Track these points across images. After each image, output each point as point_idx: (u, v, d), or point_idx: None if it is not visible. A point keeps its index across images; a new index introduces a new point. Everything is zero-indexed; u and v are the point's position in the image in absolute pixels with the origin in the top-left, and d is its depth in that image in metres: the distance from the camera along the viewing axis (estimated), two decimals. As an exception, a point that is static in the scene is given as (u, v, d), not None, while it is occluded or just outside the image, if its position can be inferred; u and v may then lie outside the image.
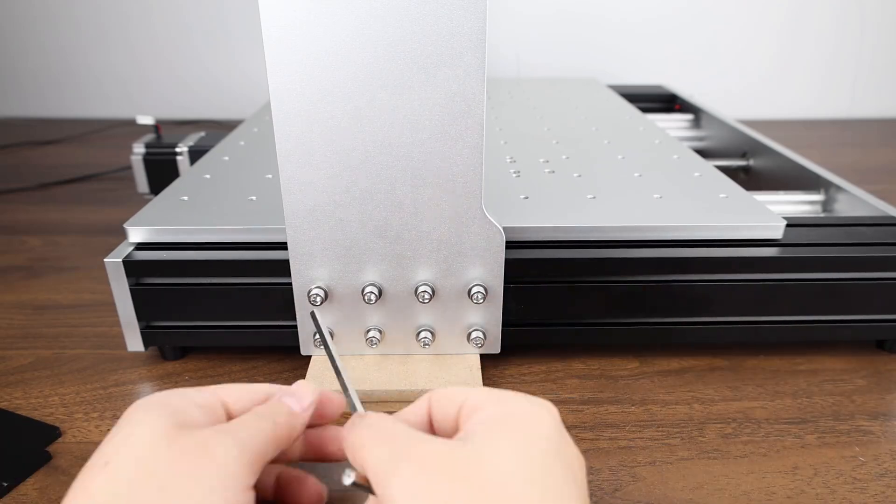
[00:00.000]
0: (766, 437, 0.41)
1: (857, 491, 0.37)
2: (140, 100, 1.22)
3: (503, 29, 1.16)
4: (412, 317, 0.43)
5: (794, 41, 1.19)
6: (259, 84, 1.19)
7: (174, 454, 0.24)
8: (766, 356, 0.49)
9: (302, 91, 0.36)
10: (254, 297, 0.45)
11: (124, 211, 0.53)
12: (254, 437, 0.26)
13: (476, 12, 0.35)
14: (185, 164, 0.72)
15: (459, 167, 0.38)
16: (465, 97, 0.36)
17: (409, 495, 0.23)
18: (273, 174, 0.56)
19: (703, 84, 1.19)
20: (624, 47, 1.19)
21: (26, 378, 0.46)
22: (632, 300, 0.46)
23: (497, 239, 0.41)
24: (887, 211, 0.52)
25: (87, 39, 1.18)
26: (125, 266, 0.44)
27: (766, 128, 0.92)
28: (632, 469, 0.38)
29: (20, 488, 0.37)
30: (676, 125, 0.93)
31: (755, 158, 0.74)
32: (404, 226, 0.40)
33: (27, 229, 0.73)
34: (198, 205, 0.49)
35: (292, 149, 0.38)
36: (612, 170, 0.57)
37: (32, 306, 0.56)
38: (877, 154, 1.03)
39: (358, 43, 0.35)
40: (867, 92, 1.23)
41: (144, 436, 0.24)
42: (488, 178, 0.41)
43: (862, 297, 0.46)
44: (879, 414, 0.43)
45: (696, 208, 0.49)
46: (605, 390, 0.45)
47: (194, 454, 0.24)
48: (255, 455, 0.25)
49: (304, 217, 0.40)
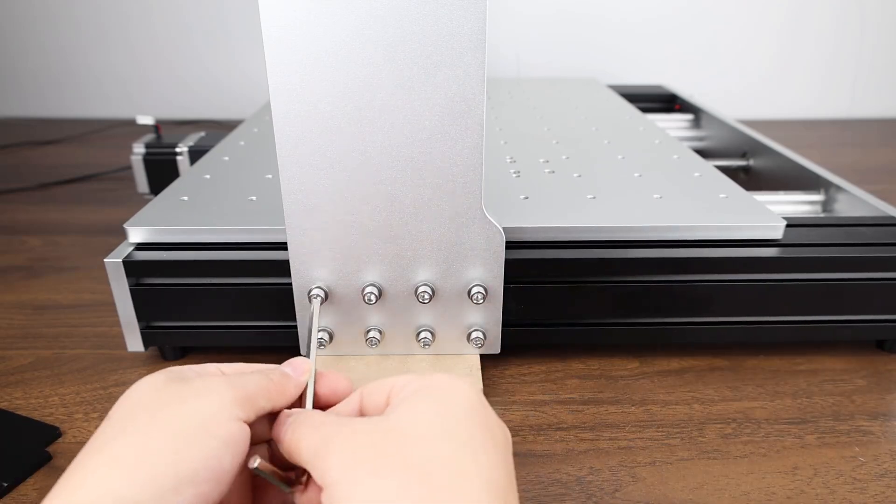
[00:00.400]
0: (766, 438, 0.41)
1: (857, 491, 0.37)
2: (140, 100, 1.22)
3: (503, 29, 1.16)
4: (412, 317, 0.43)
5: (794, 41, 1.19)
6: (259, 84, 1.19)
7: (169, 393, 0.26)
8: (766, 356, 0.49)
9: (302, 91, 0.36)
10: (254, 297, 0.45)
11: (124, 211, 0.53)
12: (245, 382, 0.28)
13: (476, 12, 0.34)
14: (185, 164, 0.72)
15: (459, 167, 0.38)
16: (465, 97, 0.36)
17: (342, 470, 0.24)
18: (273, 174, 0.56)
19: (703, 84, 1.19)
20: (624, 47, 1.19)
21: (26, 378, 0.46)
22: (632, 300, 0.46)
23: (497, 239, 0.41)
24: (887, 211, 0.52)
25: (87, 39, 1.18)
26: (125, 266, 0.44)
27: (766, 128, 0.92)
28: (632, 469, 0.38)
29: (20, 488, 0.37)
30: (676, 125, 0.93)
31: (755, 158, 0.74)
32: (404, 226, 0.40)
33: (27, 229, 0.73)
34: (198, 205, 0.49)
35: (292, 149, 0.38)
36: (612, 170, 0.57)
37: (32, 306, 0.56)
38: (877, 154, 1.03)
39: (358, 43, 0.35)
40: (867, 92, 1.23)
41: (141, 387, 0.27)
42: (488, 178, 0.41)
43: (862, 297, 0.46)
44: (879, 414, 0.43)
45: (696, 208, 0.49)
46: (605, 390, 0.45)
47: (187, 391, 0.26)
48: (245, 393, 0.27)
49: (304, 217, 0.40)
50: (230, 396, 0.27)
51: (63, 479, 0.24)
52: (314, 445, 0.25)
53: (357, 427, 0.26)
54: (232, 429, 0.26)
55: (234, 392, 0.27)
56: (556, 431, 0.41)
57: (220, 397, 0.26)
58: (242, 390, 0.27)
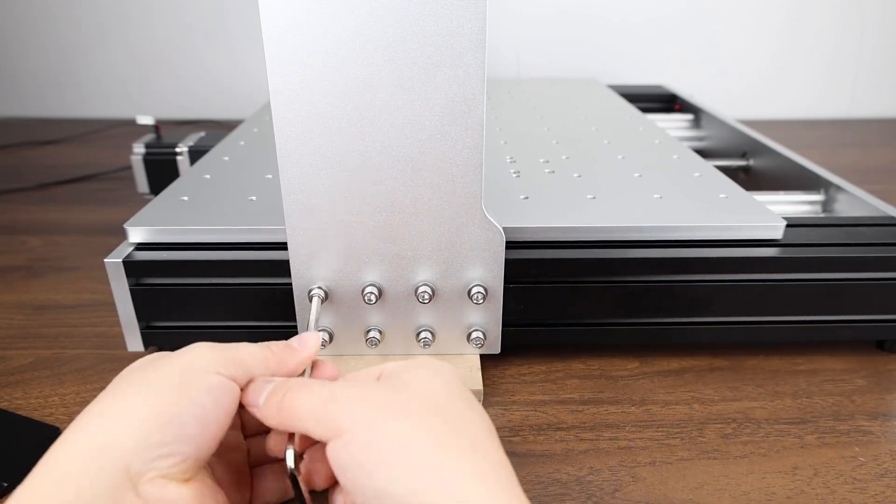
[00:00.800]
0: (766, 438, 0.41)
1: (856, 491, 0.37)
2: (140, 100, 1.22)
3: (503, 29, 1.16)
4: (412, 317, 0.43)
5: (794, 41, 1.19)
6: (259, 84, 1.19)
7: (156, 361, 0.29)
8: (766, 356, 0.49)
9: (302, 91, 0.36)
10: (254, 297, 0.45)
11: (124, 211, 0.53)
12: (234, 348, 0.30)
13: (476, 12, 0.35)
14: (185, 164, 0.72)
15: (459, 167, 0.38)
16: (465, 98, 0.36)
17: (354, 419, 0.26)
18: (273, 174, 0.56)
19: (703, 84, 1.19)
20: (624, 47, 1.19)
21: (26, 378, 0.46)
22: (632, 300, 0.46)
23: (497, 239, 0.41)
24: (887, 211, 0.52)
25: (87, 39, 1.18)
26: (125, 266, 0.44)
27: (766, 128, 0.92)
28: (632, 469, 0.38)
29: (20, 488, 0.37)
30: (676, 125, 0.93)
31: (755, 158, 0.74)
32: (404, 226, 0.40)
33: (27, 229, 0.73)
34: (198, 205, 0.49)
35: (292, 149, 0.38)
36: (612, 170, 0.57)
37: (32, 306, 0.56)
38: (877, 154, 1.03)
39: (358, 43, 0.35)
40: (867, 92, 1.23)
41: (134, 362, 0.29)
42: (488, 178, 0.41)
43: (862, 297, 0.46)
44: (879, 414, 0.43)
45: (696, 208, 0.49)
46: (605, 390, 0.45)
47: (172, 357, 0.29)
48: (230, 356, 0.29)
49: (304, 217, 0.40)
50: (212, 356, 0.28)
51: (58, 439, 0.26)
52: (318, 402, 0.27)
53: (365, 386, 0.28)
54: (213, 381, 0.28)
55: (217, 353, 0.29)
56: (556, 431, 0.41)
57: (201, 356, 0.28)
58: (228, 352, 0.29)
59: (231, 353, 0.29)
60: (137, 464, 0.25)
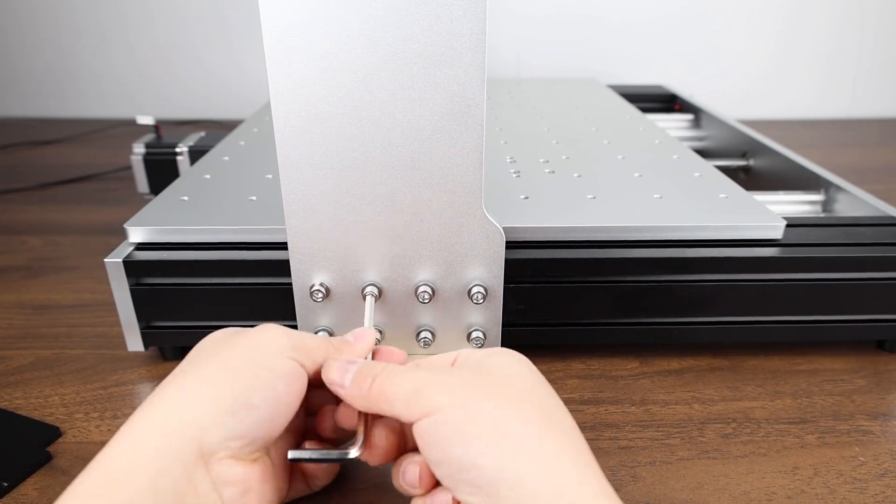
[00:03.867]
0: (766, 437, 0.41)
1: (856, 491, 0.37)
2: (140, 100, 1.22)
3: (503, 29, 1.16)
4: (412, 317, 0.43)
5: (794, 41, 1.19)
6: (259, 84, 1.19)
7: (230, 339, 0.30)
8: (766, 356, 0.49)
9: (302, 91, 0.36)
10: (254, 297, 0.45)
11: (124, 211, 0.53)
12: (303, 335, 0.31)
13: (476, 12, 0.35)
14: (185, 164, 0.72)
15: (459, 167, 0.38)
16: (465, 97, 0.36)
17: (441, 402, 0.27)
18: (273, 174, 0.56)
19: (703, 84, 1.19)
20: (624, 47, 1.19)
21: (26, 378, 0.46)
22: (632, 300, 0.46)
23: (497, 239, 0.41)
24: (887, 211, 0.52)
25: (87, 40, 1.18)
26: (125, 266, 0.44)
27: (766, 128, 0.92)
28: (632, 469, 0.38)
29: (20, 488, 0.37)
30: (676, 125, 0.93)
31: (755, 158, 0.74)
32: (404, 226, 0.40)
33: (27, 229, 0.73)
34: (198, 205, 0.49)
35: (292, 149, 0.38)
36: (612, 170, 0.57)
37: (32, 306, 0.56)
38: (877, 154, 1.03)
39: (358, 43, 0.35)
40: (867, 92, 1.23)
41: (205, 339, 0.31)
42: (488, 178, 0.41)
43: (862, 297, 0.46)
44: (879, 414, 0.43)
45: (696, 208, 0.49)
46: (605, 390, 0.45)
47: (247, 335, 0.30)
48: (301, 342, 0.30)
49: (304, 217, 0.40)
50: (286, 341, 0.29)
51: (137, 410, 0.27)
52: (411, 387, 0.28)
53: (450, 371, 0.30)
54: (286, 365, 0.29)
55: (289, 339, 0.30)
56: (556, 431, 0.41)
57: (275, 339, 0.29)
58: (299, 339, 0.30)
59: (300, 339, 0.30)
60: (211, 443, 0.26)
